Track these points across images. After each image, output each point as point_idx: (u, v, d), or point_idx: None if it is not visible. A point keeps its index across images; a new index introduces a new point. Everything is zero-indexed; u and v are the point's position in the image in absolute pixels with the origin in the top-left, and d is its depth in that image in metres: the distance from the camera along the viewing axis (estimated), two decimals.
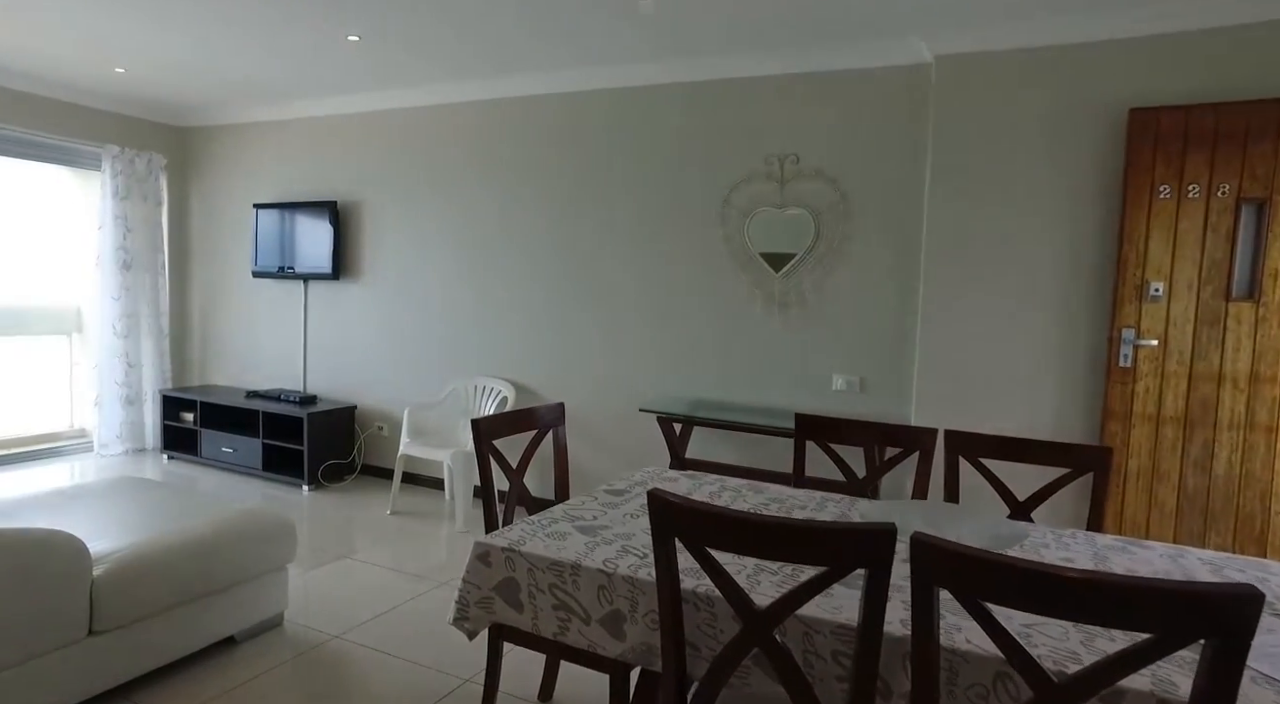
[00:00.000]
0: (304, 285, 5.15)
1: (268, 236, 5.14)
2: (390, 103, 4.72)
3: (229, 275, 5.57)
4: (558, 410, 2.35)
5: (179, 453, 5.17)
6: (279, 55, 4.02)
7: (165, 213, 5.54)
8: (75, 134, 5.06)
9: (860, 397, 3.60)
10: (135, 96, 5.11)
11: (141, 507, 2.77)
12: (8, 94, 4.72)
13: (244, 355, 5.52)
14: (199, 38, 3.80)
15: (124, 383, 5.30)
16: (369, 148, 4.86)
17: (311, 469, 4.60)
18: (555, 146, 4.24)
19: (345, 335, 5.02)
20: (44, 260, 5.45)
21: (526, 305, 4.37)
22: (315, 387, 5.15)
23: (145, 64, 4.32)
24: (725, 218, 3.84)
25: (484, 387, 4.44)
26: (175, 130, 5.64)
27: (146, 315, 5.41)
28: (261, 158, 5.35)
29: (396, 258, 4.79)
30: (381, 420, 4.90)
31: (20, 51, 4.18)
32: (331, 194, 5.02)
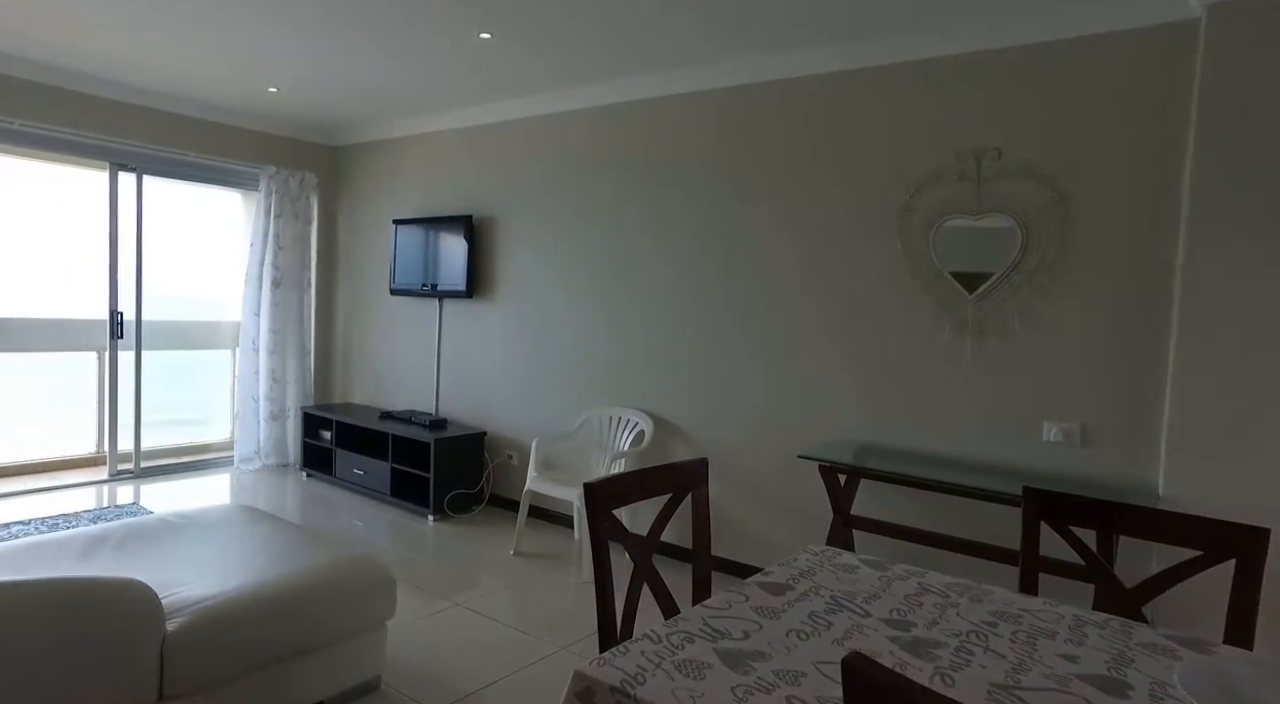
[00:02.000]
0: (439, 304, 4.98)
1: (406, 253, 5.01)
2: (523, 111, 4.44)
3: (370, 292, 5.51)
4: (699, 469, 1.84)
5: (316, 471, 5.12)
6: (412, 59, 3.82)
7: (314, 230, 5.59)
8: (237, 156, 5.18)
9: (1080, 451, 2.83)
10: (288, 117, 5.17)
11: (240, 545, 2.52)
12: (176, 120, 4.88)
13: (381, 374, 5.43)
14: (337, 48, 3.66)
15: (270, 398, 5.35)
16: (502, 159, 4.61)
17: (437, 498, 4.34)
18: (705, 152, 3.77)
19: (477, 356, 4.78)
20: (208, 278, 5.63)
21: (668, 330, 3.90)
22: (447, 409, 4.94)
23: (293, 82, 4.28)
24: (905, 229, 3.19)
25: (619, 418, 4.00)
26: (325, 149, 5.70)
27: (292, 332, 5.45)
28: (401, 174, 5.26)
29: (529, 275, 4.49)
30: (511, 448, 4.59)
31: (185, 77, 4.25)
32: (466, 209, 4.81)
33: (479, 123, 4.72)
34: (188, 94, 4.72)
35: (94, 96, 4.52)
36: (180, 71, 4.22)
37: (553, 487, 3.72)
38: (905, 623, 1.39)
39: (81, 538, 2.53)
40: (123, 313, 4.83)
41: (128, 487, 4.77)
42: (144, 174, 4.83)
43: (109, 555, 2.42)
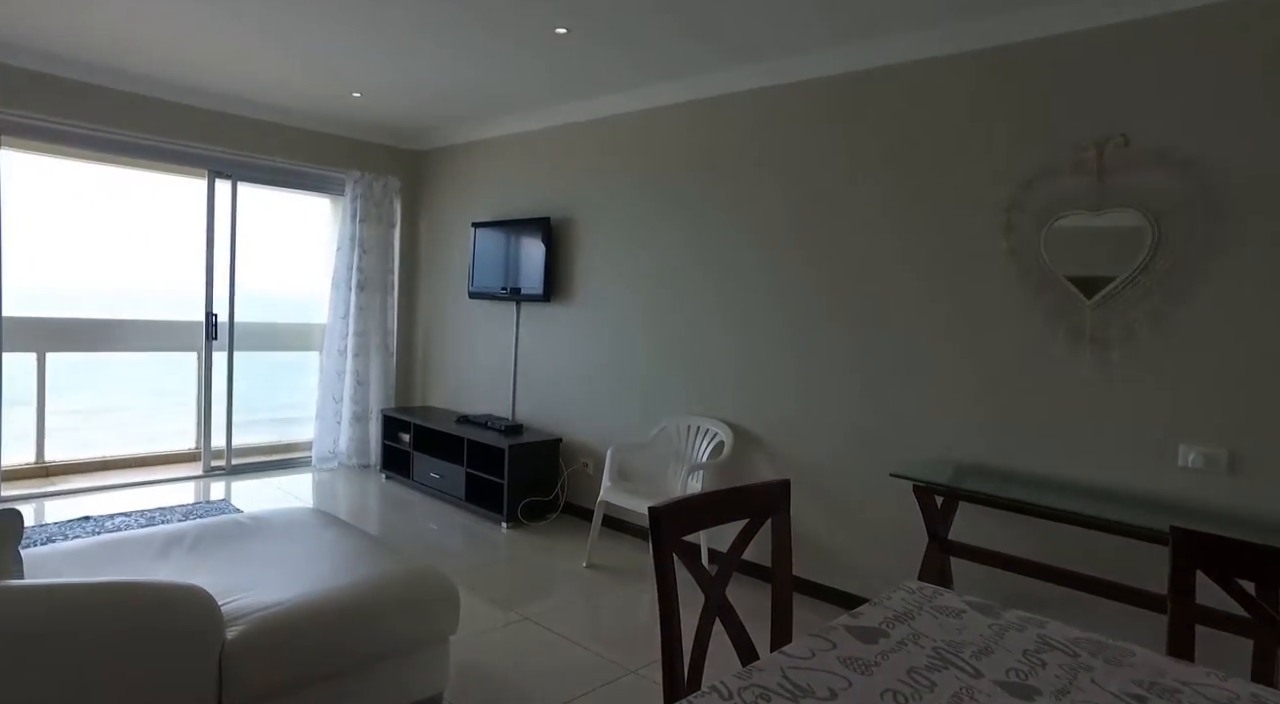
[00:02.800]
0: (516, 307, 4.93)
1: (484, 256, 4.99)
2: (602, 109, 4.33)
3: (449, 295, 5.53)
4: (780, 492, 1.65)
5: (395, 473, 5.15)
6: (489, 59, 3.77)
7: (397, 234, 5.66)
8: (324, 161, 5.29)
9: (1226, 480, 2.47)
10: (371, 122, 5.24)
11: (306, 550, 2.48)
12: (267, 128, 5.01)
13: (460, 377, 5.43)
14: (415, 50, 3.64)
15: (354, 400, 5.43)
16: (581, 159, 4.51)
17: (511, 505, 4.27)
18: (798, 147, 3.55)
19: (553, 361, 4.70)
20: (298, 281, 5.79)
21: (752, 336, 3.70)
22: (523, 414, 4.88)
23: (376, 87, 4.31)
24: (1012, 226, 2.89)
25: (697, 427, 3.83)
26: (407, 153, 5.76)
27: (376, 334, 5.52)
28: (480, 176, 5.25)
29: (607, 278, 4.37)
30: (587, 456, 4.48)
31: (277, 85, 4.35)
32: (544, 210, 4.74)
33: (556, 123, 4.65)
34: (279, 102, 4.84)
35: (193, 107, 4.68)
36: (272, 80, 4.31)
37: (627, 498, 3.58)
38: (1027, 689, 1.17)
39: (161, 537, 2.55)
40: (217, 315, 4.99)
41: (220, 483, 4.92)
42: (239, 181, 4.98)
43: (182, 556, 2.42)
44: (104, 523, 3.93)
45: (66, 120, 4.24)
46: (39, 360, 5.13)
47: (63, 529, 3.81)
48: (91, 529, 3.83)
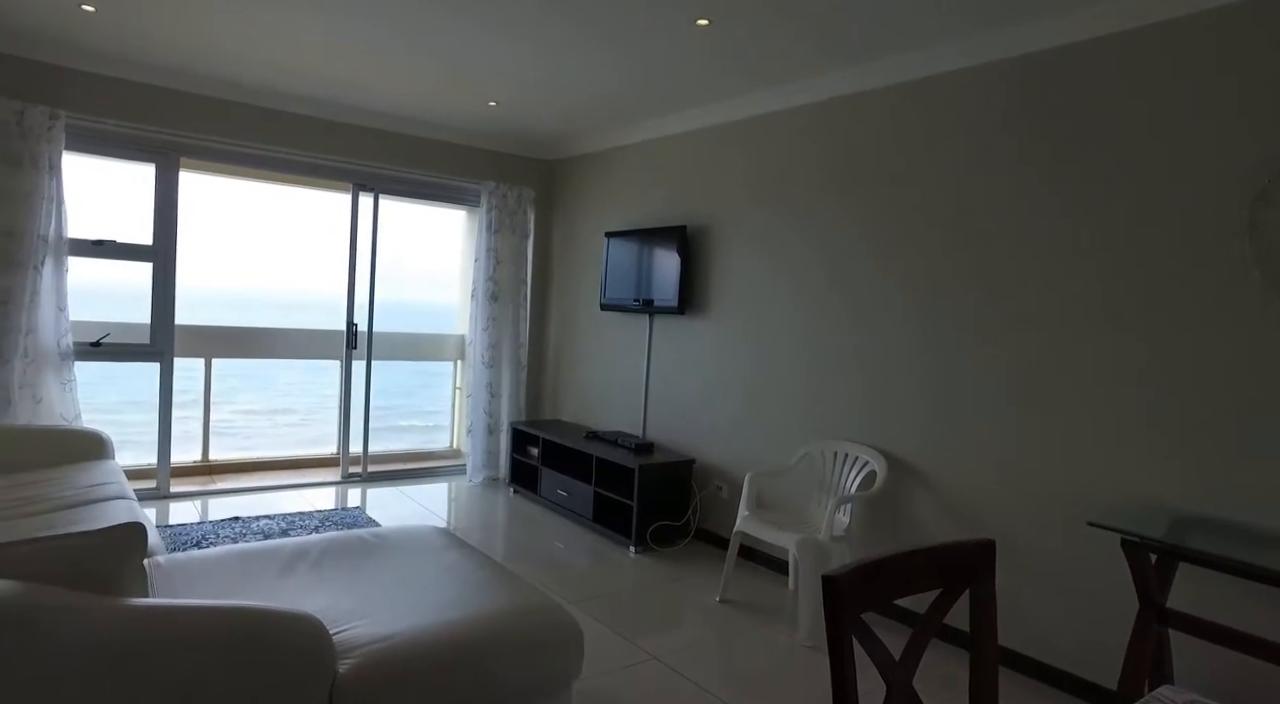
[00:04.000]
0: (649, 320, 4.72)
1: (617, 267, 4.83)
2: (744, 110, 4.05)
3: (581, 307, 5.41)
4: (980, 556, 1.30)
5: (523, 488, 5.07)
6: (626, 57, 3.59)
7: (531, 245, 5.62)
8: (461, 173, 5.33)
9: None
10: (506, 132, 5.23)
11: (427, 576, 2.34)
12: (408, 141, 5.10)
13: (590, 392, 5.29)
14: (552, 51, 3.52)
15: (487, 412, 5.41)
16: (719, 164, 4.25)
17: (640, 528, 4.05)
18: (970, 148, 3.14)
19: (687, 377, 4.44)
20: (435, 292, 5.88)
21: (912, 356, 3.30)
22: (654, 432, 4.66)
23: (511, 94, 4.26)
24: (1255, 226, 2.36)
25: (846, 455, 3.45)
26: (541, 163, 5.72)
27: (508, 346, 5.49)
28: (614, 185, 5.10)
29: (747, 291, 4.08)
30: (721, 479, 4.19)
31: (416, 96, 4.39)
32: (680, 219, 4.51)
33: (694, 127, 4.42)
34: (419, 116, 4.90)
35: (341, 123, 4.83)
36: (413, 93, 4.36)
37: (766, 529, 3.25)
38: None
39: (289, 550, 2.49)
40: (357, 325, 5.10)
41: (356, 489, 5.01)
42: (380, 194, 5.09)
43: (305, 572, 2.35)
44: (250, 524, 4.05)
45: (232, 140, 4.46)
46: (206, 366, 5.45)
47: (215, 528, 3.95)
48: (239, 530, 3.94)
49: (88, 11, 3.45)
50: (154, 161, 4.30)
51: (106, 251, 4.21)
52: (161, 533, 3.85)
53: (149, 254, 4.32)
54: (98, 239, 4.17)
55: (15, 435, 3.55)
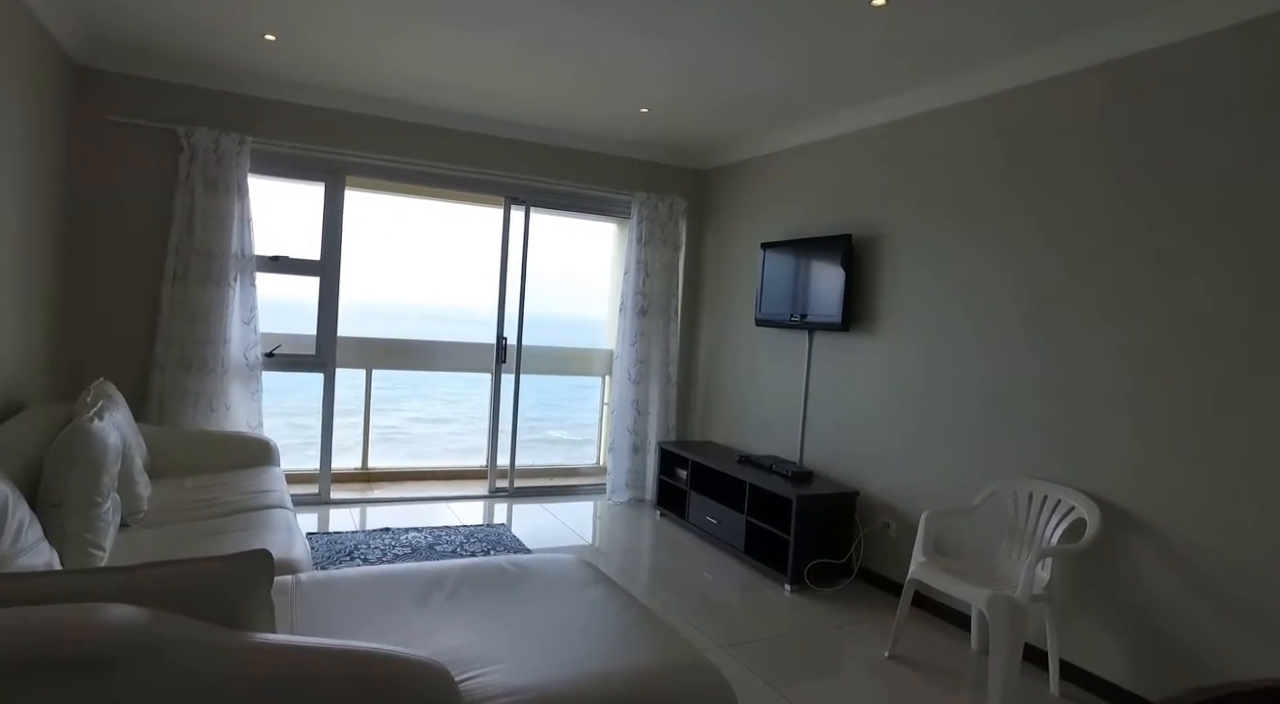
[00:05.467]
0: (809, 337, 4.35)
1: (774, 280, 4.50)
2: (921, 104, 3.62)
3: (734, 322, 5.13)
4: None
5: (670, 512, 4.83)
6: (791, 51, 3.29)
7: (682, 257, 5.41)
8: (611, 184, 5.22)
9: None
10: (658, 140, 5.06)
11: (565, 617, 2.14)
12: (559, 153, 5.05)
13: (742, 412, 4.98)
14: (708, 47, 3.29)
15: (633, 430, 5.24)
16: (891, 166, 3.84)
17: (797, 564, 3.69)
18: (1184, 138, 2.58)
19: (851, 400, 4.04)
20: (584, 306, 5.81)
21: (1113, 379, 2.75)
22: (813, 459, 4.27)
23: (664, 98, 4.07)
24: None
25: (1046, 498, 2.94)
26: (694, 172, 5.50)
27: (657, 362, 5.29)
28: (771, 193, 4.79)
29: (923, 304, 3.63)
30: (889, 515, 3.75)
31: (568, 105, 4.31)
32: (844, 227, 4.13)
33: (859, 127, 4.03)
34: (570, 127, 4.84)
35: (495, 137, 4.85)
36: (565, 102, 4.28)
37: (947, 579, 2.81)
38: None
39: (427, 575, 2.38)
40: (507, 338, 5.10)
41: (503, 504, 4.98)
42: (532, 207, 5.07)
43: (441, 602, 2.22)
44: (399, 536, 4.08)
45: (393, 157, 4.58)
46: (367, 376, 5.67)
47: (366, 539, 4.01)
48: (388, 542, 3.97)
49: (269, 41, 3.61)
50: (324, 181, 4.49)
51: (281, 267, 4.42)
52: (319, 539, 3.94)
53: (316, 269, 4.50)
54: (274, 255, 4.39)
55: (198, 439, 3.76)
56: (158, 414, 4.01)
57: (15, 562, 1.99)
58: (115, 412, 2.85)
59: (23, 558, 2.03)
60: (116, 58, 3.92)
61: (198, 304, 4.03)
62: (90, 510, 2.34)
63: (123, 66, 3.95)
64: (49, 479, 2.32)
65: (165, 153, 4.04)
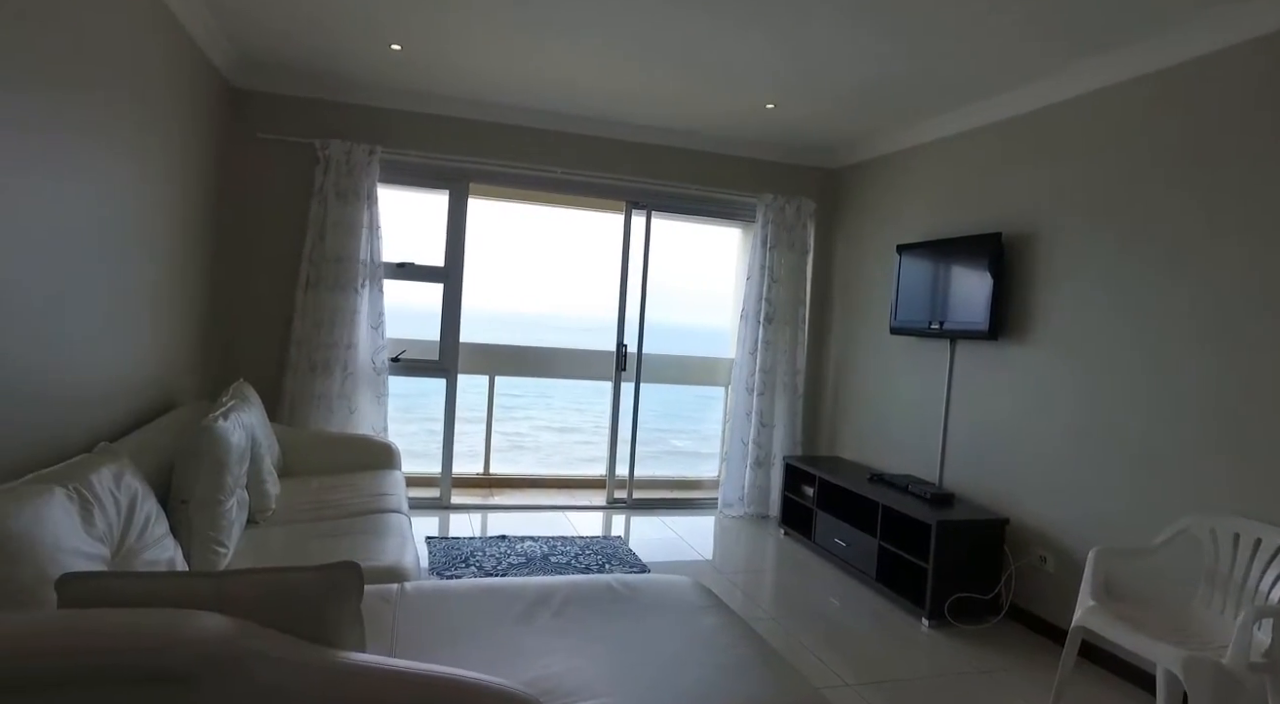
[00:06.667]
0: (950, 346, 3.96)
1: (911, 284, 4.14)
2: (1089, 81, 3.18)
3: (865, 330, 4.77)
4: None
5: (794, 531, 4.53)
6: (923, 31, 2.97)
7: (810, 262, 5.11)
8: (736, 186, 5.01)
9: None
10: (784, 138, 4.81)
11: (675, 647, 1.94)
12: (680, 155, 4.90)
13: (874, 427, 4.61)
14: (834, 33, 3.03)
15: (757, 443, 4.98)
16: (1050, 155, 3.41)
17: (936, 597, 3.32)
18: None
19: (1001, 417, 3.62)
20: (706, 314, 5.61)
21: None
22: (954, 480, 3.87)
23: (791, 89, 3.83)
24: None
25: (1256, 540, 2.45)
26: (823, 172, 5.19)
27: (782, 372, 5.02)
28: (908, 191, 4.41)
29: (1089, 312, 3.19)
30: (1046, 548, 3.31)
31: (689, 104, 4.16)
32: (993, 225, 3.72)
33: (1015, 113, 3.62)
34: (693, 128, 4.68)
35: (616, 140, 4.76)
36: (688, 100, 4.13)
37: (1125, 631, 2.39)
38: None
39: (534, 591, 2.26)
40: (627, 346, 4.98)
41: (620, 516, 4.85)
42: (653, 211, 4.94)
43: (546, 621, 2.09)
44: (515, 545, 4.02)
45: (515, 163, 4.58)
46: (489, 383, 5.73)
47: (483, 546, 3.98)
48: (504, 550, 3.93)
49: (396, 51, 3.68)
50: (448, 189, 4.56)
51: (406, 273, 4.52)
52: (437, 544, 3.96)
53: (440, 275, 4.57)
54: (400, 262, 4.49)
55: (325, 440, 3.86)
56: (289, 415, 4.17)
57: (141, 555, 2.03)
58: (245, 412, 2.94)
59: (148, 552, 2.07)
60: (264, 78, 4.13)
61: (328, 309, 4.17)
62: (214, 508, 2.39)
63: (269, 86, 4.16)
64: (178, 476, 2.39)
65: (303, 165, 4.22)
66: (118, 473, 2.04)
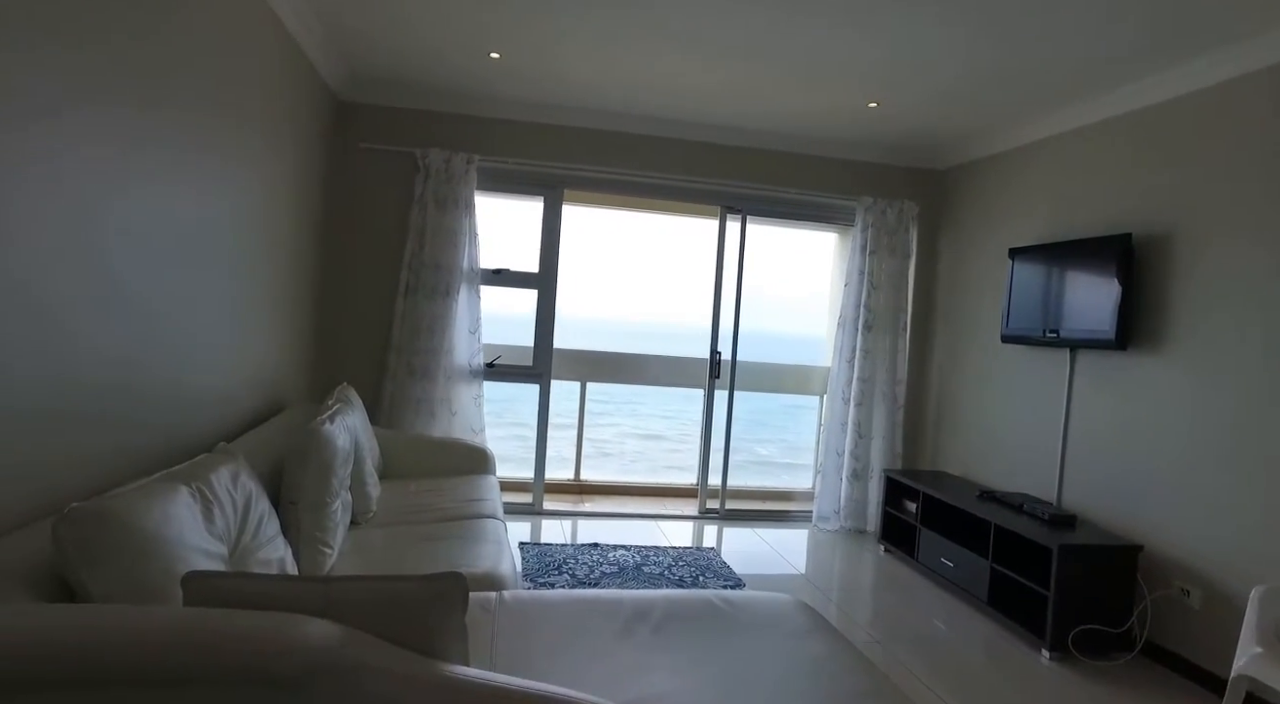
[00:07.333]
0: (1070, 356, 3.69)
1: (1025, 290, 3.88)
2: (1230, 68, 2.89)
3: (973, 339, 4.52)
4: None
5: (895, 548, 4.32)
6: (1041, 20, 2.76)
7: (912, 267, 4.89)
8: (834, 189, 4.85)
9: None
10: (886, 139, 4.62)
11: (780, 673, 1.84)
12: (777, 158, 4.78)
13: (981, 441, 4.35)
14: (942, 22, 2.86)
15: (854, 455, 4.79)
16: (1187, 152, 3.12)
17: (1058, 627, 3.07)
18: None
19: (1131, 433, 3.33)
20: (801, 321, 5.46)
21: None
22: (1075, 502, 3.60)
23: (896, 85, 3.66)
24: None
25: None
26: (926, 174, 4.96)
27: (882, 381, 4.81)
28: (1021, 192, 4.15)
29: (1239, 320, 2.89)
30: (1187, 580, 3.02)
31: (788, 101, 4.04)
32: (1121, 225, 3.44)
33: (1144, 103, 3.34)
34: (790, 130, 4.56)
35: (710, 144, 4.69)
36: (788, 99, 4.01)
37: None
38: None
39: (630, 605, 2.20)
40: (720, 353, 4.88)
41: (712, 526, 4.75)
42: (748, 215, 4.83)
43: (645, 637, 2.02)
44: (607, 553, 3.99)
45: (610, 169, 4.57)
46: (581, 389, 5.73)
47: (575, 553, 3.96)
48: (596, 558, 3.90)
49: (495, 59, 3.72)
50: (543, 195, 4.59)
51: (502, 280, 4.57)
52: (530, 550, 3.96)
53: (535, 281, 4.60)
54: (496, 268, 4.55)
55: (423, 444, 3.93)
56: (389, 418, 4.27)
57: (255, 554, 2.08)
58: (349, 415, 3.01)
59: (262, 551, 2.12)
60: (368, 91, 4.26)
61: (426, 315, 4.26)
62: (321, 510, 2.43)
63: (373, 98, 4.29)
64: (287, 478, 2.45)
65: (403, 174, 4.33)
66: (234, 473, 2.10)
